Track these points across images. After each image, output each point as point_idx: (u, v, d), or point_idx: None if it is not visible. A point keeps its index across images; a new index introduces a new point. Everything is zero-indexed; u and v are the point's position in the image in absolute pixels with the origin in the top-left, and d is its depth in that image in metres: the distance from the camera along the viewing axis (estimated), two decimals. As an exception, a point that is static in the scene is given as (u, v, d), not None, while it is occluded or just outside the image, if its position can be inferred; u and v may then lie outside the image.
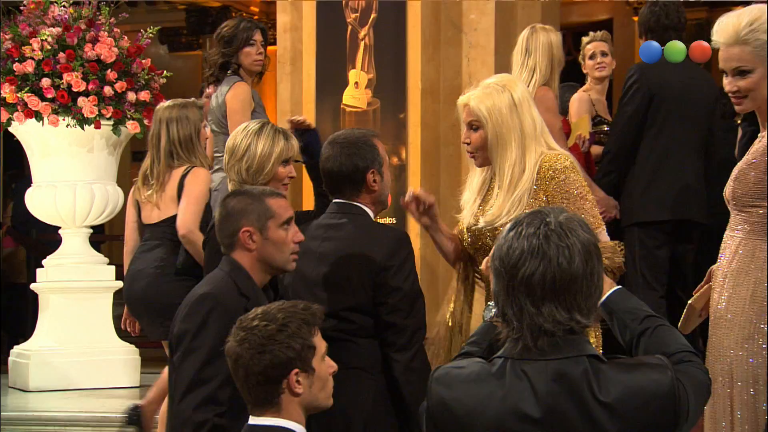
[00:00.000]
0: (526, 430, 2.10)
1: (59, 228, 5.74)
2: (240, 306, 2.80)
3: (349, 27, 5.85)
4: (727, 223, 3.48)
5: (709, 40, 3.34)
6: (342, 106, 5.76)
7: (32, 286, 5.64)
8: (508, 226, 2.20)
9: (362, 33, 5.86)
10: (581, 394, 2.09)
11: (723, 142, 5.19)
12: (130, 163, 7.73)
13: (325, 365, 2.45)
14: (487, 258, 2.56)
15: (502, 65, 5.49)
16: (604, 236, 3.17)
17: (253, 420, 2.43)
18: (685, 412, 2.14)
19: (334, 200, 3.35)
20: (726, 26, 2.98)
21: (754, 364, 2.93)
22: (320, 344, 2.45)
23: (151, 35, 5.59)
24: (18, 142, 6.10)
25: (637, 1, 10.87)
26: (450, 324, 3.45)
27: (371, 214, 3.31)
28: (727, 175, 3.30)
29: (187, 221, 4.17)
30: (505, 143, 3.24)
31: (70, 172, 5.49)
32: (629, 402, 2.09)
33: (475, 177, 3.40)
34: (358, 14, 5.86)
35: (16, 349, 5.83)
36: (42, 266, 5.57)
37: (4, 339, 7.40)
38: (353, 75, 5.83)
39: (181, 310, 2.94)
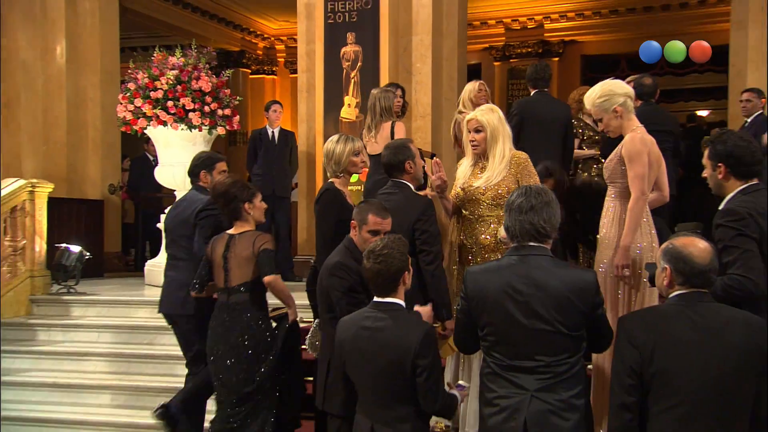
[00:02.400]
0: (516, 290, 2.80)
1: (173, 190, 7.06)
2: (355, 265, 3.57)
3: (344, 70, 7.36)
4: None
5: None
6: (340, 118, 7.21)
7: (159, 225, 6.75)
8: (513, 193, 2.91)
9: (353, 74, 7.33)
10: (548, 272, 2.79)
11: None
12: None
13: (411, 268, 3.21)
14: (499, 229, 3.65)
15: (435, 95, 7.37)
16: None
17: (377, 299, 3.16)
18: (601, 301, 2.87)
19: (390, 179, 4.13)
20: (587, 97, 3.90)
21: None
22: (409, 257, 3.18)
23: (227, 75, 7.15)
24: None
25: (496, 52, 12.25)
26: (449, 243, 4.23)
27: (412, 188, 4.05)
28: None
29: None
30: (496, 140, 3.99)
31: (183, 156, 6.60)
32: (575, 280, 2.80)
33: (464, 166, 4.16)
34: (350, 62, 7.34)
35: (150, 262, 7.56)
36: (165, 213, 5.93)
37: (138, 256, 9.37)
38: (347, 99, 7.27)
39: (325, 273, 3.61)
